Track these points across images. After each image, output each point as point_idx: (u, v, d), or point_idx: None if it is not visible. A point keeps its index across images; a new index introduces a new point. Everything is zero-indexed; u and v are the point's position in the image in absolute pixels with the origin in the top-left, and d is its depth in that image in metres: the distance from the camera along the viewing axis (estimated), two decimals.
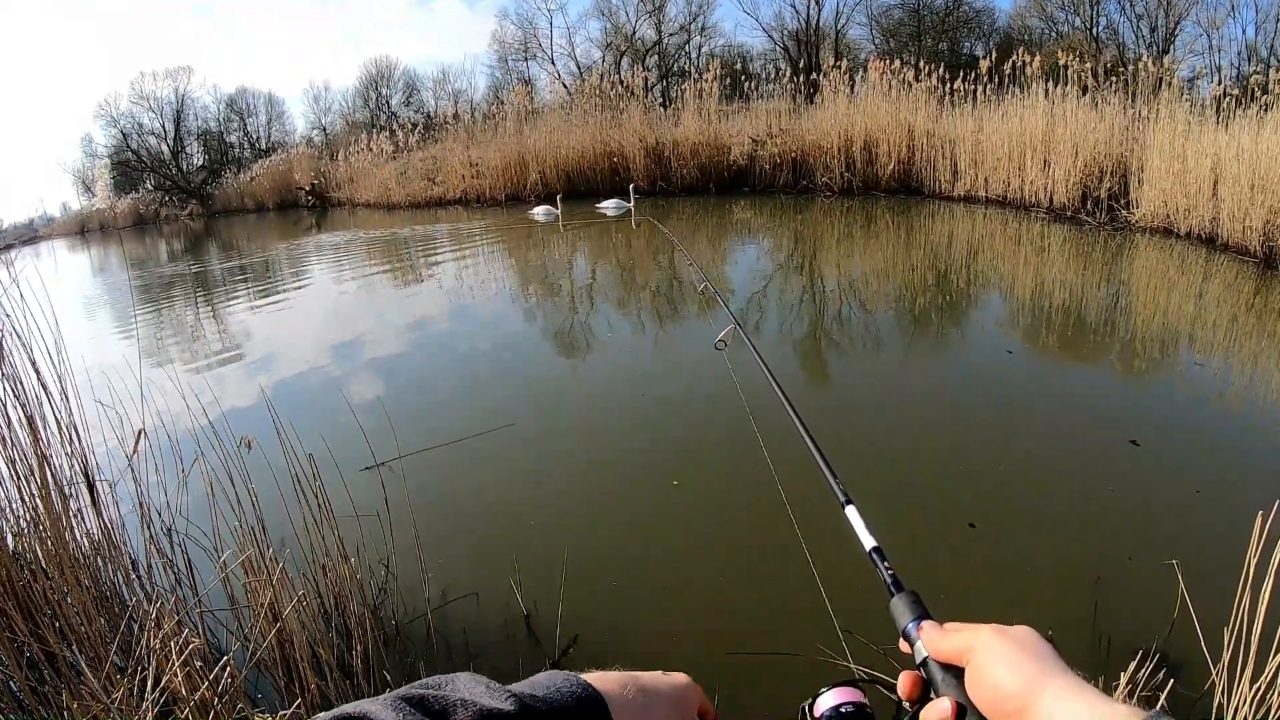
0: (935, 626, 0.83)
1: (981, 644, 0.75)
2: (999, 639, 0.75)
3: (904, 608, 0.88)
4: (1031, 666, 0.71)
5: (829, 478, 1.21)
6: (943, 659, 0.79)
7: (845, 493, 1.16)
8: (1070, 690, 0.67)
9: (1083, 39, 31.44)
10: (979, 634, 0.76)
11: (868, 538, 1.04)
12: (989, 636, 0.75)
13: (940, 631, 0.82)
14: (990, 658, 0.73)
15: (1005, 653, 0.73)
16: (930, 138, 17.42)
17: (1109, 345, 7.02)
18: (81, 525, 3.06)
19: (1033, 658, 0.72)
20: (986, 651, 0.74)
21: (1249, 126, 10.51)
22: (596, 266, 12.77)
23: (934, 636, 0.81)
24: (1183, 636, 2.77)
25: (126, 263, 21.55)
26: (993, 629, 0.77)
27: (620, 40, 39.35)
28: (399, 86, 45.23)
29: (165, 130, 43.38)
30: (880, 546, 1.01)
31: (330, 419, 5.40)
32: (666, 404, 5.87)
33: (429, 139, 28.69)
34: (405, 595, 3.46)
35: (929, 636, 0.82)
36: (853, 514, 1.11)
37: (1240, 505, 2.57)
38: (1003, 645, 0.74)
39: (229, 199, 38.67)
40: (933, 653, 0.80)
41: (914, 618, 0.86)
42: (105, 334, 10.36)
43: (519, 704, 0.66)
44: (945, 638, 0.80)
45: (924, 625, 0.84)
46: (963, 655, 0.77)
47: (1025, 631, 0.76)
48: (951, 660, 0.78)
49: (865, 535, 1.05)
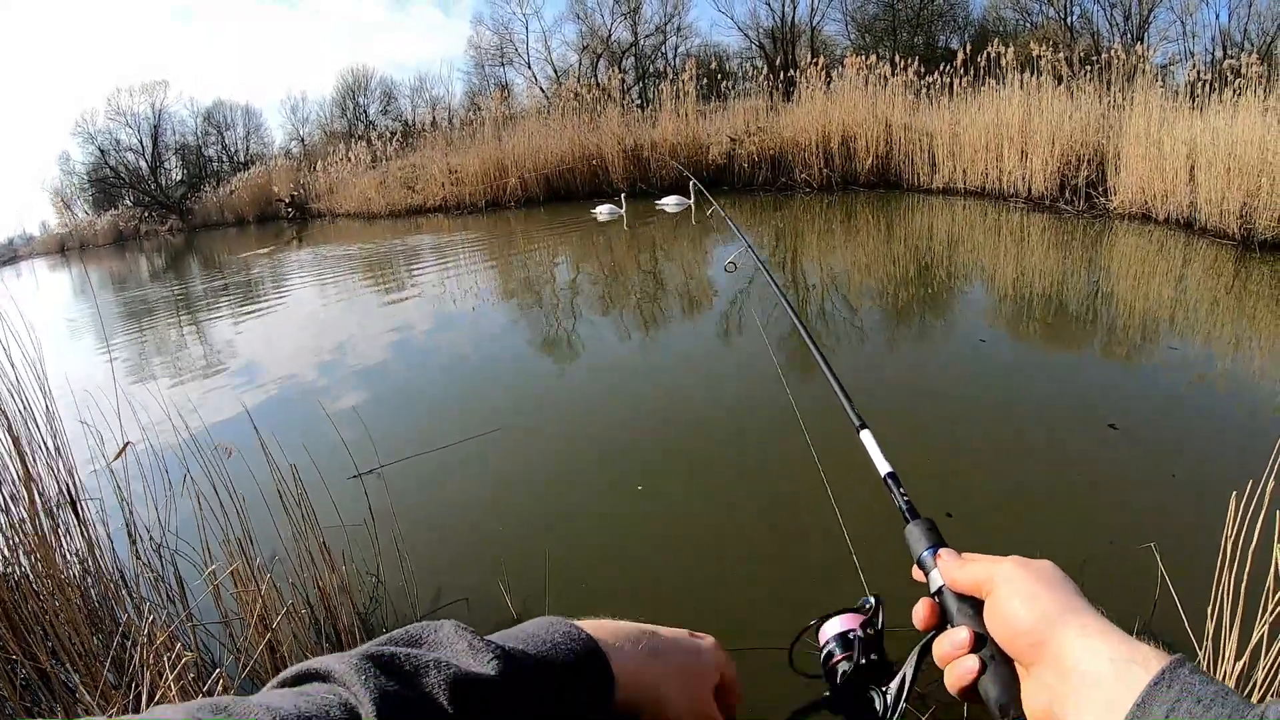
0: (953, 555, 0.81)
1: (1002, 576, 0.73)
2: (1021, 571, 0.73)
3: (919, 534, 0.87)
4: (1053, 601, 0.69)
5: (844, 402, 1.20)
6: (960, 589, 0.78)
7: (860, 417, 1.15)
8: (1092, 627, 0.66)
9: (1057, 29, 31.59)
10: (1000, 566, 0.75)
11: (882, 463, 1.02)
12: (1010, 568, 0.73)
13: (959, 561, 0.80)
14: (1010, 590, 0.71)
15: (1026, 586, 0.71)
16: (908, 131, 17.47)
17: (1088, 331, 7.07)
18: (70, 543, 3.06)
19: (1055, 592, 0.70)
20: (1007, 584, 0.72)
21: (1223, 111, 10.64)
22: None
23: (951, 565, 0.80)
24: (1165, 618, 2.79)
25: (89, 286, 21.40)
26: (1014, 561, 0.74)
27: (596, 43, 39.29)
28: (376, 95, 45.04)
29: (143, 146, 43.06)
30: (895, 472, 1.00)
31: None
32: (652, 397, 5.89)
33: (407, 147, 28.58)
34: (395, 602, 3.45)
35: (946, 565, 0.80)
36: (867, 438, 1.09)
37: (1215, 486, 2.59)
38: (1024, 577, 0.72)
39: (208, 213, 38.34)
40: (949, 582, 0.79)
41: (930, 545, 0.85)
42: (87, 352, 10.31)
43: (502, 664, 0.64)
44: (964, 567, 0.78)
45: (941, 553, 0.82)
46: (981, 586, 0.75)
47: (1048, 565, 0.74)
48: (970, 591, 0.77)
49: (880, 460, 1.03)
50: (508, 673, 0.64)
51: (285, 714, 0.52)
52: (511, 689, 0.63)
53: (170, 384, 7.59)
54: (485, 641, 0.66)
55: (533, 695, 0.65)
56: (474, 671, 0.62)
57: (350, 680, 0.57)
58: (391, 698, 0.56)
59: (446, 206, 24.37)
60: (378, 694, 0.56)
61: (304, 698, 0.55)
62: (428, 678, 0.60)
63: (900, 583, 0.92)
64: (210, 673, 2.34)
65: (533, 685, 0.65)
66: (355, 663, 0.58)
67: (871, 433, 1.10)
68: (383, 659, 0.60)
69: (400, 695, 0.57)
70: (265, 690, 0.58)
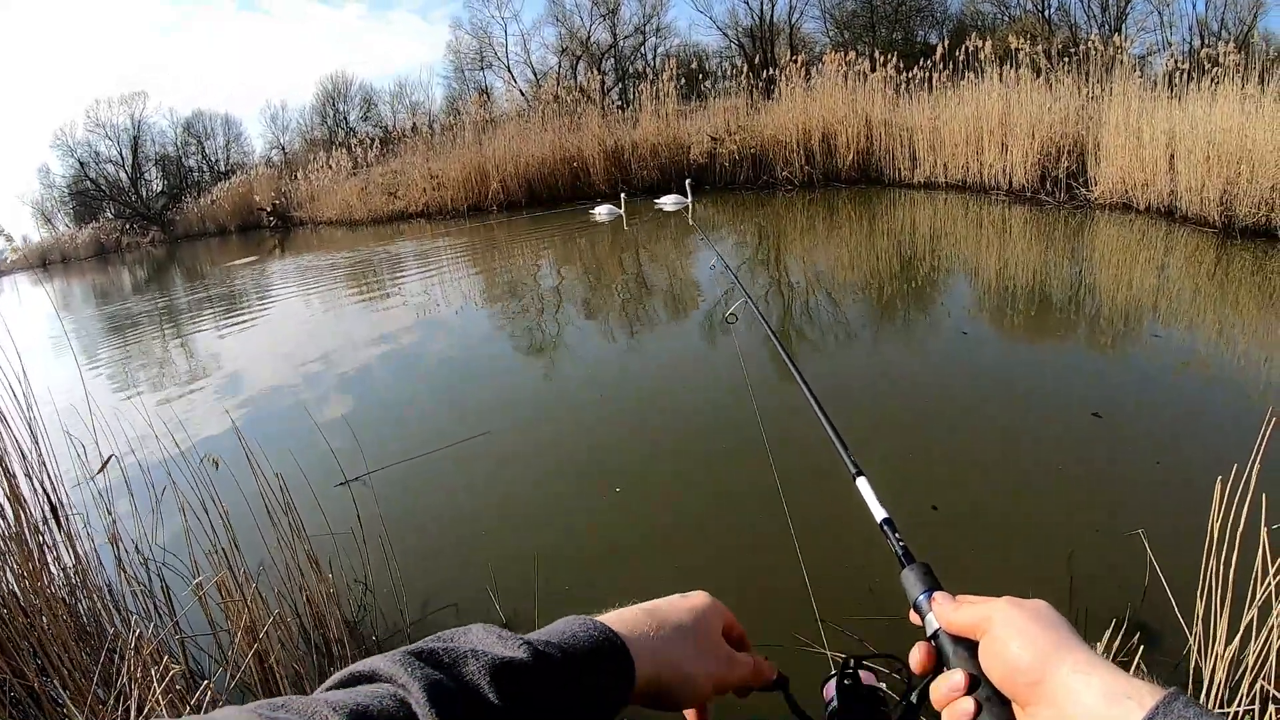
0: (948, 598, 0.82)
1: (997, 616, 0.74)
2: (1015, 611, 0.73)
3: (915, 579, 0.87)
4: (1048, 640, 0.70)
5: (840, 449, 1.21)
6: (955, 631, 0.78)
7: (856, 464, 1.16)
8: (1087, 664, 0.66)
9: (1034, 21, 31.69)
10: (994, 606, 0.75)
11: (879, 509, 1.03)
12: (1004, 609, 0.74)
13: (953, 604, 0.80)
14: (1006, 631, 0.72)
15: (1021, 626, 0.72)
16: (888, 127, 17.50)
17: (1071, 321, 7.10)
18: (57, 560, 3.04)
19: (1049, 631, 0.71)
20: (1002, 624, 0.73)
21: (1202, 100, 10.69)
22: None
23: (946, 609, 0.80)
24: (1155, 603, 2.81)
25: (72, 300, 21.31)
26: (1008, 601, 0.75)
27: (575, 45, 39.25)
28: (356, 102, 44.86)
29: (123, 157, 42.81)
30: (891, 518, 1.01)
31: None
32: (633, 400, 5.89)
33: (388, 153, 28.57)
34: (384, 609, 3.44)
35: (941, 608, 0.81)
36: (864, 485, 1.10)
37: (1200, 472, 2.60)
38: (1018, 618, 0.72)
39: (190, 224, 38.18)
40: (945, 625, 0.79)
41: (925, 589, 0.85)
42: (70, 367, 10.23)
43: (532, 651, 0.67)
44: (958, 610, 0.79)
45: (936, 597, 0.83)
46: (976, 628, 0.76)
47: (1040, 604, 0.75)
48: (965, 633, 0.77)
49: (876, 507, 1.04)
50: (538, 658, 0.67)
51: (343, 705, 0.56)
52: (543, 673, 0.67)
53: (154, 396, 7.54)
54: (513, 634, 0.69)
55: (562, 679, 0.68)
56: (509, 656, 0.66)
57: (398, 675, 0.60)
58: (439, 686, 0.60)
59: (429, 212, 24.37)
60: (426, 683, 0.59)
61: (357, 693, 0.59)
62: (468, 666, 0.64)
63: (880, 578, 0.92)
64: (199, 685, 2.32)
65: (560, 670, 0.69)
66: (399, 659, 0.62)
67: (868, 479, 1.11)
68: (424, 653, 0.64)
69: (446, 684, 0.61)
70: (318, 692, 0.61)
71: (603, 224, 17.01)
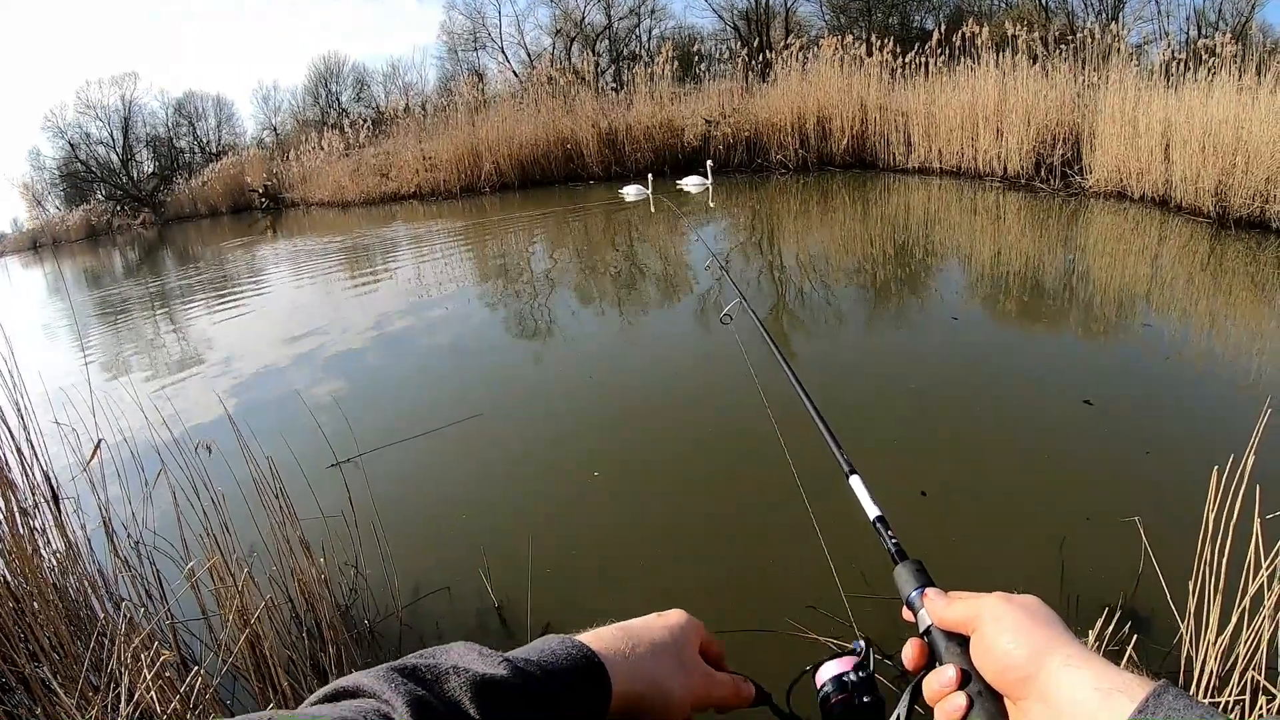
0: (939, 594, 0.83)
1: (988, 612, 0.75)
2: (1005, 607, 0.74)
3: (907, 576, 0.89)
4: (1039, 635, 0.70)
5: (833, 447, 1.22)
6: (947, 627, 0.79)
7: (849, 463, 1.17)
8: (1077, 659, 0.67)
9: (1032, 8, 31.65)
10: (984, 602, 0.76)
11: (871, 507, 1.05)
12: (995, 604, 0.75)
13: (945, 600, 0.81)
14: (996, 626, 0.73)
15: (1012, 621, 0.72)
16: (883, 112, 17.49)
17: (1064, 308, 7.11)
18: (48, 545, 3.03)
19: (1040, 626, 0.72)
20: (993, 620, 0.74)
21: (1198, 90, 10.66)
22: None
23: (938, 605, 0.81)
24: (1148, 592, 2.82)
25: (63, 283, 21.23)
26: (999, 597, 0.76)
27: (570, 26, 39.07)
28: (349, 82, 44.72)
29: (114, 139, 42.62)
30: (884, 515, 1.02)
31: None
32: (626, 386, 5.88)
33: (380, 134, 28.47)
34: (376, 593, 3.43)
35: (933, 605, 0.82)
36: (856, 484, 1.11)
37: (1190, 462, 2.60)
38: (1009, 613, 0.73)
39: (181, 205, 38.05)
40: (937, 621, 0.81)
41: (917, 586, 0.86)
42: (61, 351, 10.21)
43: (513, 669, 0.69)
44: (950, 606, 0.80)
45: (928, 593, 0.84)
46: (968, 623, 0.77)
47: (1031, 600, 0.76)
48: (956, 629, 0.78)
49: (869, 505, 1.06)
50: (518, 675, 0.69)
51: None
52: (523, 690, 0.68)
53: (146, 380, 7.51)
54: (495, 653, 0.71)
55: (541, 696, 0.70)
56: (490, 673, 0.67)
57: (381, 690, 0.61)
58: (421, 702, 0.61)
59: (421, 193, 24.29)
60: (409, 699, 0.61)
61: (342, 708, 0.60)
62: (450, 683, 0.65)
63: (869, 563, 0.92)
64: (189, 670, 2.32)
65: (539, 687, 0.70)
66: (383, 674, 0.64)
67: (861, 478, 1.12)
68: (407, 670, 0.65)
69: (428, 700, 0.62)
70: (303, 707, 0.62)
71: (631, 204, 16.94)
